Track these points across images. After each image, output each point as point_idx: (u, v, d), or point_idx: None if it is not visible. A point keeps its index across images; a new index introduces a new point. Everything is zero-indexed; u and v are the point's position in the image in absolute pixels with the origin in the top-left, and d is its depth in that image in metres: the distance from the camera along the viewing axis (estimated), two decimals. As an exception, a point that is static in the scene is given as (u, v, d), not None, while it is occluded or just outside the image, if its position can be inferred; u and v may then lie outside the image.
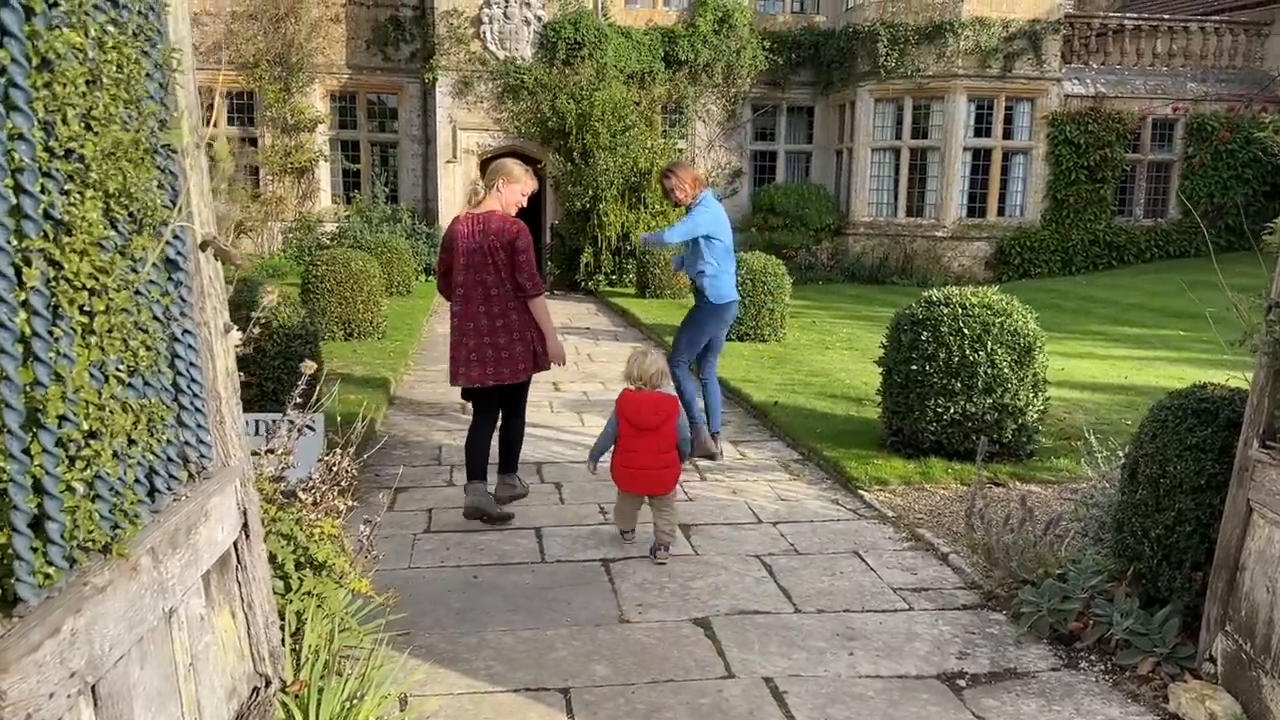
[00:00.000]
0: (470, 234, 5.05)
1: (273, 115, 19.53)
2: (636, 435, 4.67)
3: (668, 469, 4.69)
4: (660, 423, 4.68)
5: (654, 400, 4.73)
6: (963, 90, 18.77)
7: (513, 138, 18.85)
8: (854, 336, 11.80)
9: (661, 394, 4.79)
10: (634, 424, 4.69)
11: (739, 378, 8.88)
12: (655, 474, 4.66)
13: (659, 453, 4.66)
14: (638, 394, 4.77)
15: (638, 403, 4.73)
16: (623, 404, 4.77)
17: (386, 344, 10.50)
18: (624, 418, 4.73)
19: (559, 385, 9.14)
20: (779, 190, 20.08)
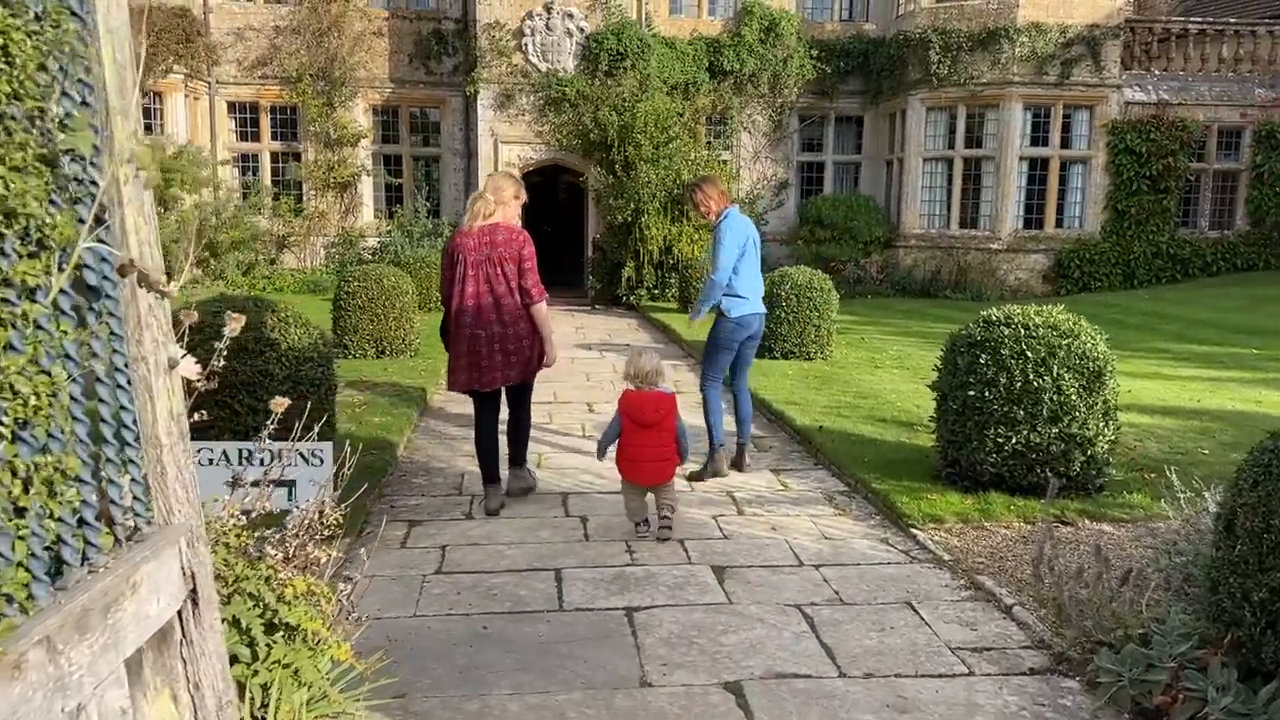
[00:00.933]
0: (478, 246, 5.35)
1: (316, 130, 19.49)
2: (638, 431, 5.07)
3: (667, 461, 5.13)
4: (660, 419, 5.09)
5: (653, 399, 5.13)
6: (1018, 98, 18.14)
7: (554, 151, 18.57)
8: (905, 354, 11.27)
9: (660, 392, 5.17)
10: (635, 421, 5.09)
11: (782, 399, 8.42)
12: (656, 466, 5.09)
13: (659, 446, 5.07)
14: (638, 393, 5.15)
15: (639, 401, 5.11)
16: (625, 402, 5.17)
17: (418, 362, 10.20)
18: (626, 415, 5.12)
19: (593, 406, 8.76)
20: (827, 202, 19.56)
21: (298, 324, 5.41)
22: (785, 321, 10.54)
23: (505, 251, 5.34)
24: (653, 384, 5.16)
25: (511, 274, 5.35)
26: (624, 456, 5.13)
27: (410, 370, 9.71)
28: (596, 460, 5.59)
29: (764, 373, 9.77)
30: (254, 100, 19.69)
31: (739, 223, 6.25)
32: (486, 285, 5.32)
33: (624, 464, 5.13)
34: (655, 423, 5.07)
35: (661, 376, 5.24)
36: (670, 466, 5.14)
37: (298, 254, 19.74)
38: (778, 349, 10.65)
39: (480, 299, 5.32)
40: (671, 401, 5.19)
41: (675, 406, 5.21)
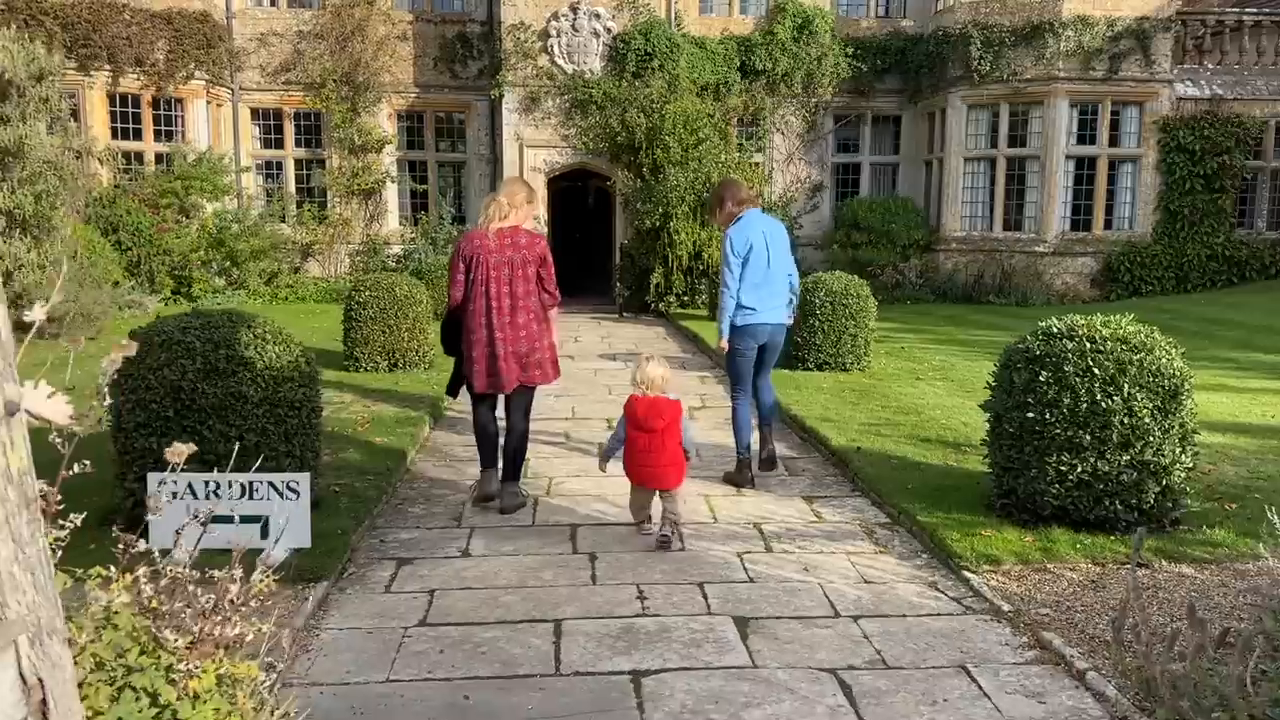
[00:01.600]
0: (500, 248, 5.40)
1: (339, 136, 19.13)
2: (644, 437, 5.03)
3: (674, 466, 5.05)
4: (665, 425, 5.02)
5: (659, 404, 5.06)
6: (1064, 94, 17.35)
7: (580, 154, 18.07)
8: (948, 365, 10.59)
9: (665, 399, 5.10)
10: (640, 427, 5.04)
11: (816, 416, 7.80)
12: (663, 471, 5.02)
13: (664, 451, 5.00)
14: (644, 398, 5.08)
15: (645, 406, 5.05)
16: (630, 408, 5.12)
17: (432, 375, 9.70)
18: (631, 421, 5.07)
19: (612, 423, 8.18)
20: (863, 204, 18.87)
21: (277, 340, 4.89)
22: (820, 330, 9.93)
23: (529, 254, 5.44)
24: (661, 391, 5.13)
25: (533, 276, 5.45)
26: (631, 463, 5.13)
27: (423, 384, 9.21)
28: (600, 471, 5.64)
29: (796, 385, 9.16)
30: (277, 106, 19.38)
31: (744, 228, 6.04)
32: (507, 286, 5.39)
33: (631, 468, 5.15)
34: (661, 429, 5.03)
35: (668, 384, 5.20)
36: (677, 471, 5.10)
37: (322, 262, 19.39)
38: (811, 359, 10.03)
39: (499, 300, 5.38)
40: (678, 408, 5.15)
41: (681, 413, 5.17)
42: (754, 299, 6.03)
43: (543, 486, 6.24)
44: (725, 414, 7.48)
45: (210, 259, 16.59)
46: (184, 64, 17.12)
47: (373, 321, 9.66)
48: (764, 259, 6.02)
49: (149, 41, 16.62)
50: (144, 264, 15.53)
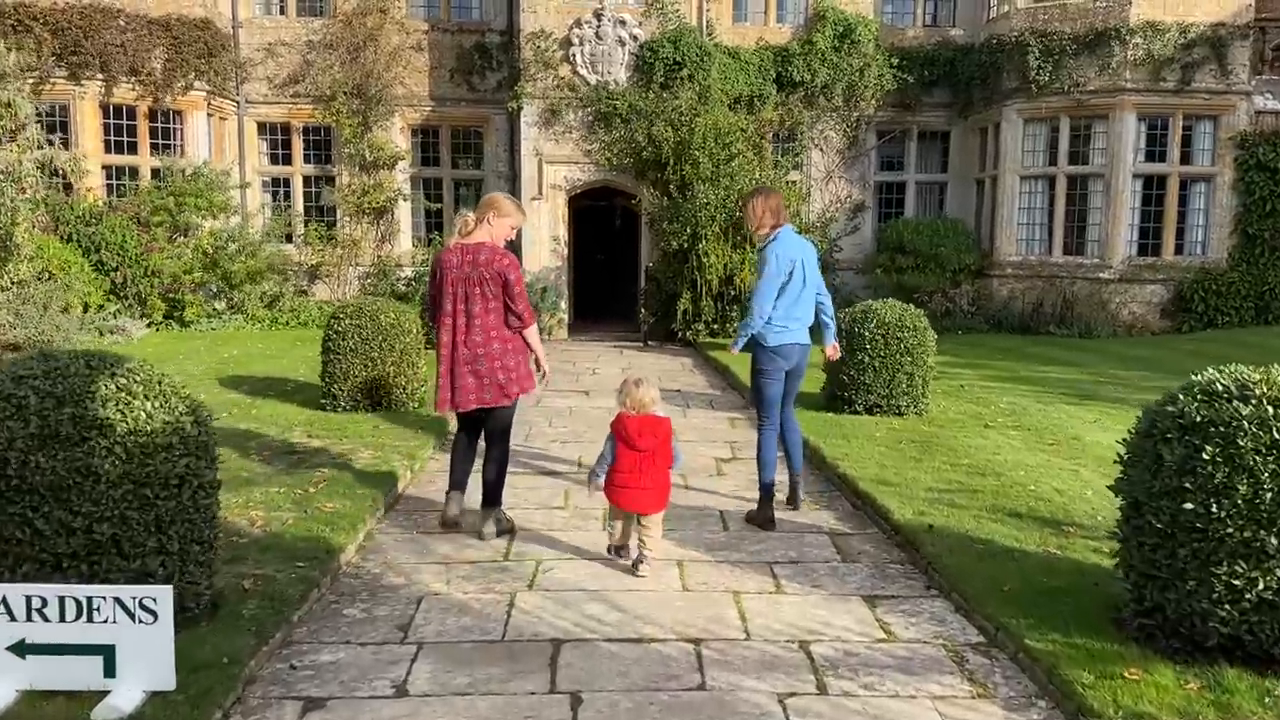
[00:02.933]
0: (460, 264, 5.26)
1: (350, 152, 18.02)
2: (633, 455, 4.81)
3: (659, 489, 4.86)
4: (657, 445, 4.83)
5: (649, 422, 4.85)
6: (1131, 107, 15.88)
7: (604, 170, 16.81)
8: (1019, 409, 9.14)
9: (657, 417, 4.90)
10: (630, 445, 4.81)
11: (871, 476, 6.40)
12: (649, 493, 4.81)
13: (654, 472, 4.81)
14: (635, 416, 4.85)
15: (634, 424, 4.83)
16: (619, 426, 4.87)
17: (421, 416, 8.41)
18: (620, 439, 4.83)
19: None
20: (909, 225, 17.44)
21: (150, 393, 3.58)
22: (870, 368, 8.52)
23: (486, 271, 5.23)
24: (650, 409, 4.92)
25: (491, 295, 5.25)
26: (613, 483, 4.87)
27: (406, 429, 7.91)
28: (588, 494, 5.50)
29: (844, 434, 7.76)
30: (285, 120, 18.32)
31: (787, 246, 5.78)
32: (463, 304, 5.26)
33: (612, 490, 4.89)
34: (651, 448, 4.83)
35: (658, 405, 4.99)
36: (662, 495, 4.92)
37: (330, 284, 18.25)
38: (860, 401, 8.63)
39: (456, 318, 5.28)
40: (668, 426, 4.95)
41: (672, 431, 4.96)
42: (788, 318, 5.76)
43: (526, 573, 4.90)
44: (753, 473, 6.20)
45: (205, 281, 15.47)
46: (183, 74, 16.09)
47: (353, 354, 8.39)
48: (800, 279, 5.79)
49: (145, 50, 15.61)
50: (130, 286, 14.41)
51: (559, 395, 10.46)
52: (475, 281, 5.20)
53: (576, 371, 12.61)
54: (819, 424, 8.20)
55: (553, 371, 6.04)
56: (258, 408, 8.76)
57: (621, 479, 4.83)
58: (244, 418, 8.27)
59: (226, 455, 6.73)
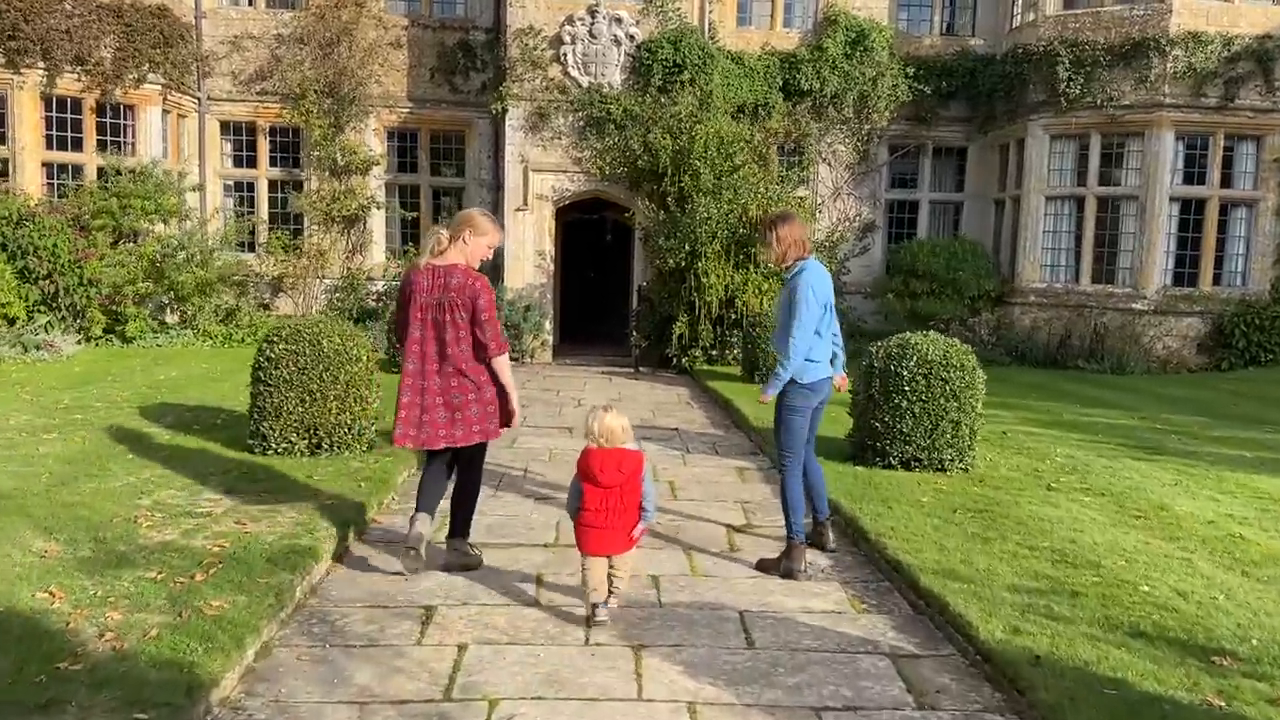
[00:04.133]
0: (430, 288, 4.82)
1: (320, 155, 16.60)
2: (598, 494, 4.40)
3: (627, 529, 4.45)
4: (625, 479, 4.41)
5: (616, 456, 4.42)
6: (1169, 124, 14.62)
7: (595, 180, 15.43)
8: (1080, 464, 7.74)
9: (624, 450, 4.44)
10: (595, 482, 4.39)
11: (932, 563, 4.97)
12: (614, 534, 4.41)
13: (620, 512, 4.41)
14: (600, 450, 4.43)
15: (600, 459, 4.40)
16: (583, 462, 4.45)
17: (367, 462, 6.96)
18: (585, 477, 4.42)
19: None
20: (924, 247, 16.11)
21: None
22: (909, 414, 7.12)
23: (458, 297, 4.80)
24: (619, 444, 4.45)
25: (463, 321, 4.82)
26: (580, 522, 4.46)
27: (348, 480, 6.45)
28: None
29: (883, 496, 6.35)
30: (251, 120, 16.88)
31: (820, 279, 5.35)
32: (433, 331, 4.85)
33: (580, 531, 4.46)
34: (617, 484, 4.41)
35: (629, 436, 4.52)
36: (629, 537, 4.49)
37: (295, 298, 16.79)
38: (895, 453, 7.22)
39: (425, 345, 4.87)
40: (638, 461, 4.48)
41: (642, 464, 4.50)
42: (819, 352, 5.39)
43: (479, 715, 3.45)
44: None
45: (151, 292, 13.98)
46: (135, 65, 14.66)
47: (287, 386, 6.93)
48: (829, 310, 5.44)
49: (93, 37, 14.17)
50: (65, 296, 12.91)
51: (537, 433, 9.02)
52: (447, 308, 4.78)
53: (559, 402, 11.18)
54: (848, 481, 6.79)
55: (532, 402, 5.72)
56: (174, 447, 7.29)
57: (589, 519, 4.40)
58: (152, 461, 6.80)
59: (106, 517, 5.28)
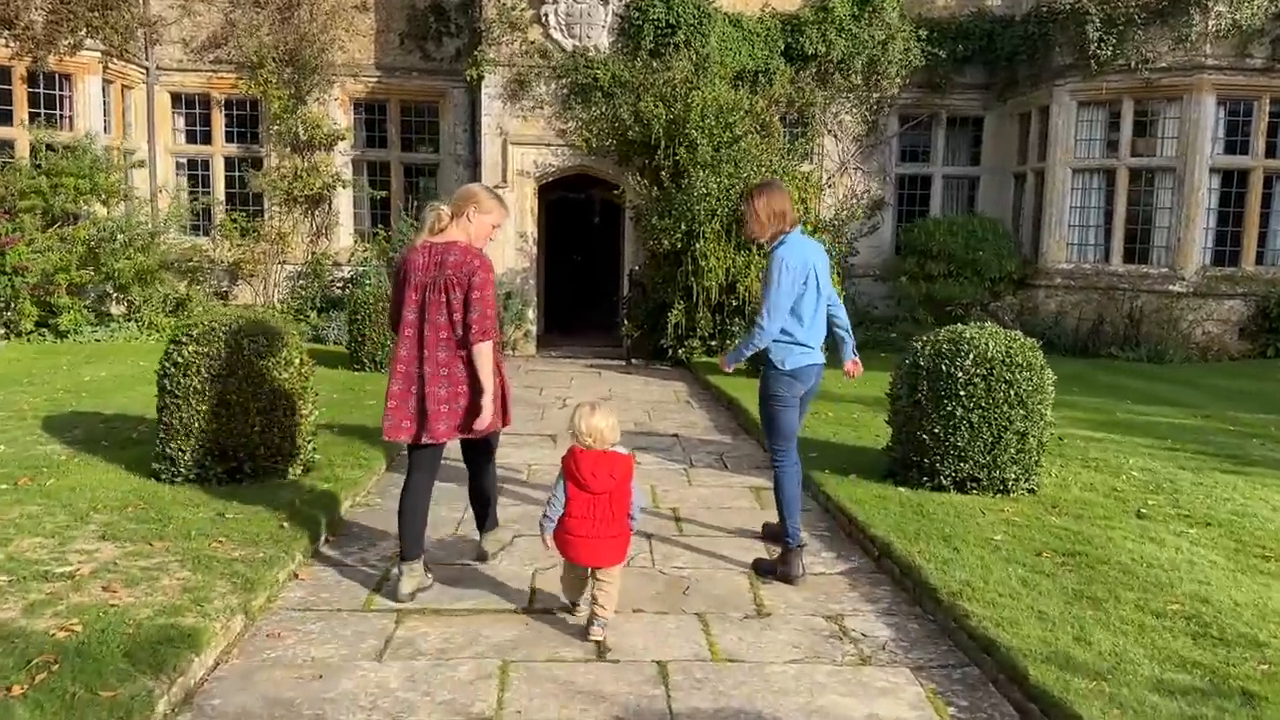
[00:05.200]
0: (426, 266, 4.36)
1: (280, 129, 15.18)
2: (585, 499, 3.98)
3: (618, 538, 4.03)
4: (614, 486, 3.99)
5: (606, 460, 4.01)
6: (1210, 88, 13.32)
7: (580, 155, 14.07)
8: (1165, 480, 6.45)
9: (615, 454, 4.05)
10: (582, 486, 3.98)
11: (1035, 644, 3.66)
12: (601, 543, 3.99)
13: (608, 520, 4.00)
14: (587, 451, 4.02)
15: (588, 461, 3.99)
16: (569, 463, 4.05)
17: (301, 490, 5.63)
18: (571, 479, 4.02)
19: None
20: (941, 226, 14.79)
21: None
22: (964, 424, 5.82)
23: (454, 276, 4.31)
24: (607, 445, 4.02)
25: (457, 303, 4.32)
26: (564, 530, 4.02)
27: (269, 515, 5.12)
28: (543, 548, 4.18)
29: (941, 531, 5.06)
30: (204, 91, 15.45)
31: (799, 252, 4.85)
32: (428, 313, 4.34)
33: (563, 539, 4.03)
34: (606, 490, 3.97)
35: (617, 436, 4.06)
36: (620, 545, 4.04)
37: (255, 286, 15.41)
38: (947, 472, 5.92)
39: (420, 329, 4.36)
40: (629, 464, 4.05)
41: (632, 472, 4.06)
42: (809, 335, 4.91)
43: None
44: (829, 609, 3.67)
45: (88, 281, 12.57)
46: (71, 29, 13.19)
47: (198, 397, 5.59)
48: (815, 289, 4.92)
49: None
50: (-14, 286, 11.52)
51: (514, 442, 7.71)
52: (442, 288, 4.34)
53: (542, 402, 9.87)
54: (893, 510, 5.50)
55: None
56: (68, 471, 5.94)
57: (573, 526, 4.01)
58: (34, 490, 5.46)
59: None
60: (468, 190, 4.54)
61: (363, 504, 5.93)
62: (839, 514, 5.74)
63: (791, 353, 4.85)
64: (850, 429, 8.07)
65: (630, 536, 4.10)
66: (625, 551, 4.08)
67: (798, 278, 4.78)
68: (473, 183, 5.24)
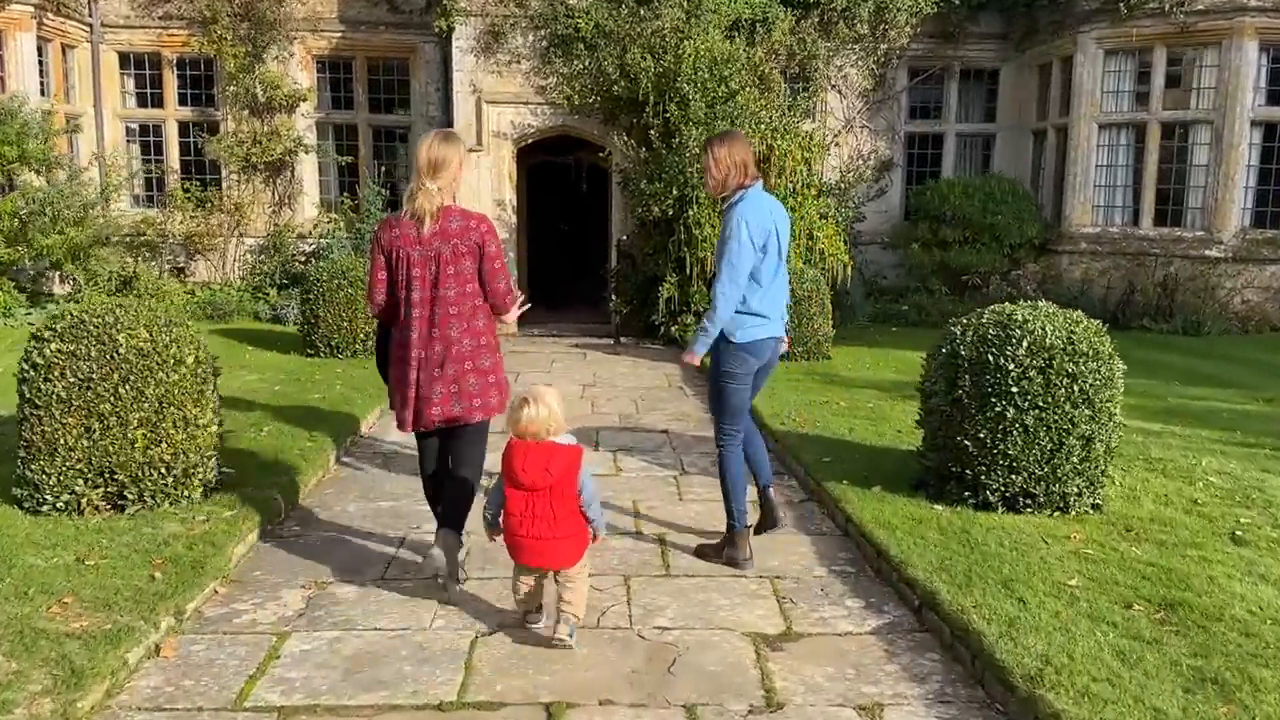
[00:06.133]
0: (425, 238, 3.99)
1: (236, 90, 13.94)
2: (523, 497, 3.61)
3: (569, 538, 3.63)
4: (554, 481, 3.58)
5: (543, 452, 3.60)
6: (1252, 32, 12.11)
7: (562, 114, 12.86)
8: (1250, 488, 5.35)
9: (554, 444, 3.62)
10: (517, 483, 3.60)
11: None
12: (550, 545, 3.60)
13: (550, 520, 3.59)
14: (522, 443, 3.63)
15: (522, 454, 3.60)
16: (505, 459, 3.66)
17: (195, 520, 4.53)
18: (506, 475, 3.65)
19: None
20: (955, 188, 13.61)
21: None
22: (1017, 428, 4.71)
23: (461, 243, 4.00)
24: (547, 435, 3.62)
25: (468, 274, 4.03)
26: (507, 530, 3.67)
27: (143, 558, 4.03)
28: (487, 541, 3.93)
29: (1003, 575, 3.99)
30: (154, 50, 14.20)
31: (758, 210, 4.36)
32: (433, 290, 4.01)
33: (507, 539, 3.69)
34: (542, 485, 3.58)
35: (560, 425, 3.66)
36: (573, 546, 3.64)
37: (214, 261, 14.24)
38: (994, 485, 4.81)
39: (423, 307, 4.02)
40: (572, 458, 3.63)
41: (579, 463, 3.64)
42: (765, 304, 4.42)
43: None
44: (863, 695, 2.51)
45: (14, 259, 11.40)
46: (-4, -23, 11.95)
47: (63, 408, 4.47)
48: (776, 254, 4.42)
49: (-65, -58, 11.45)
50: (-101, 266, 10.36)
51: (478, 446, 6.60)
52: (449, 259, 3.97)
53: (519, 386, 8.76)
54: (933, 538, 4.42)
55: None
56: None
57: (514, 526, 3.61)
58: None
59: None
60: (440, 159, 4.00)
61: (276, 534, 4.83)
62: (865, 543, 4.65)
63: (744, 324, 4.40)
64: (868, 422, 6.97)
65: (587, 536, 3.72)
66: (581, 552, 3.70)
67: (758, 239, 4.31)
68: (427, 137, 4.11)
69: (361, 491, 5.60)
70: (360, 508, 5.30)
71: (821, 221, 11.53)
